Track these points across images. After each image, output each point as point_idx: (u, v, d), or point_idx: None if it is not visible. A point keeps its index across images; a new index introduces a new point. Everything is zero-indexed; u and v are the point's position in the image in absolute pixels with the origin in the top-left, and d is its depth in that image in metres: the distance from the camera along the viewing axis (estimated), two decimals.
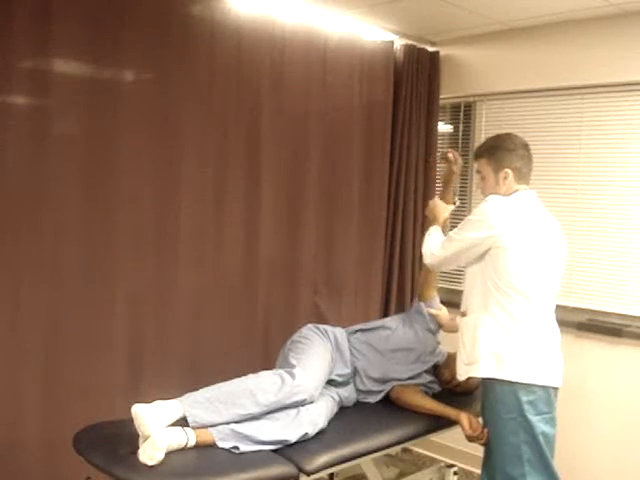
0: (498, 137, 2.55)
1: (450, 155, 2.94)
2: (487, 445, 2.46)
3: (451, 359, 3.01)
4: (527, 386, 2.30)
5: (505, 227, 2.32)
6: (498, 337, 2.33)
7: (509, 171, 2.45)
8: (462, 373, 2.46)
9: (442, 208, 2.82)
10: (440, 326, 3.05)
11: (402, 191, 3.88)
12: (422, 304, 3.06)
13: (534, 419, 2.30)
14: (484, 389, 2.43)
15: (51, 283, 2.56)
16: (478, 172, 2.57)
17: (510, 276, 2.32)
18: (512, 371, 2.31)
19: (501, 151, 2.48)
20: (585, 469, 3.40)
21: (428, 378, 2.93)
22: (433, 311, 3.03)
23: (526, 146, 2.51)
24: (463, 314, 2.50)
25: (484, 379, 2.39)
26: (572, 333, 3.40)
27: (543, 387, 2.33)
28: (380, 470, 2.99)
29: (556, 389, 2.39)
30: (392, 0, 3.23)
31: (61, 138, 2.55)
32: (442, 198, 2.93)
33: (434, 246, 2.57)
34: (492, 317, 2.35)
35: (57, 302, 2.58)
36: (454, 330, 2.79)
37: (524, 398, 2.29)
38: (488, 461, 2.47)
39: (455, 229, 2.49)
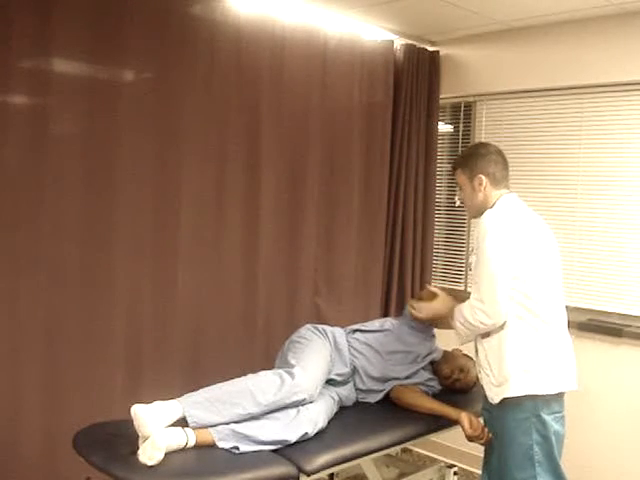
0: (471, 147, 2.58)
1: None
2: (489, 447, 2.46)
3: (450, 355, 3.02)
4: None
5: (513, 232, 2.30)
6: (524, 351, 2.29)
7: (482, 177, 2.44)
8: (493, 396, 2.36)
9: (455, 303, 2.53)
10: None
11: (402, 191, 3.88)
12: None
13: (548, 418, 2.28)
14: None
15: (50, 282, 2.56)
16: (457, 184, 2.56)
17: (531, 276, 2.29)
18: (542, 385, 2.28)
19: (474, 158, 2.49)
20: (585, 469, 3.40)
21: (426, 376, 2.93)
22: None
23: (499, 152, 2.51)
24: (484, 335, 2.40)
25: None
26: (573, 333, 3.32)
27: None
28: (380, 470, 2.98)
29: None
30: (392, 0, 3.23)
31: (61, 138, 2.55)
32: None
33: (466, 311, 2.34)
34: (513, 332, 2.30)
35: (57, 301, 2.58)
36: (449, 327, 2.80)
37: (540, 398, 2.28)
38: (489, 463, 2.46)
39: (477, 273, 2.32)
